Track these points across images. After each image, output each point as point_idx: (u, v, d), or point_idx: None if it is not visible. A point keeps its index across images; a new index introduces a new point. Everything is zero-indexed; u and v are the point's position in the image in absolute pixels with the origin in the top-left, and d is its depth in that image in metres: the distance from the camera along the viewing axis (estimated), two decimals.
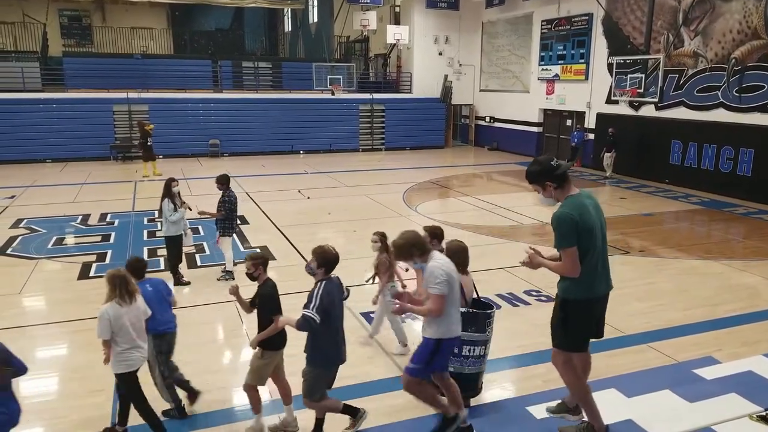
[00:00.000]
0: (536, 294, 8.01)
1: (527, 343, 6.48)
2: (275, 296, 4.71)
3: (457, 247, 4.78)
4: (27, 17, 28.64)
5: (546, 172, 3.67)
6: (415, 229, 4.55)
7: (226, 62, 24.93)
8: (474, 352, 4.74)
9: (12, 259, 9.49)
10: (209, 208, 8.66)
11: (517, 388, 5.61)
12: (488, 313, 4.87)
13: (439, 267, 3.96)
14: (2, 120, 19.57)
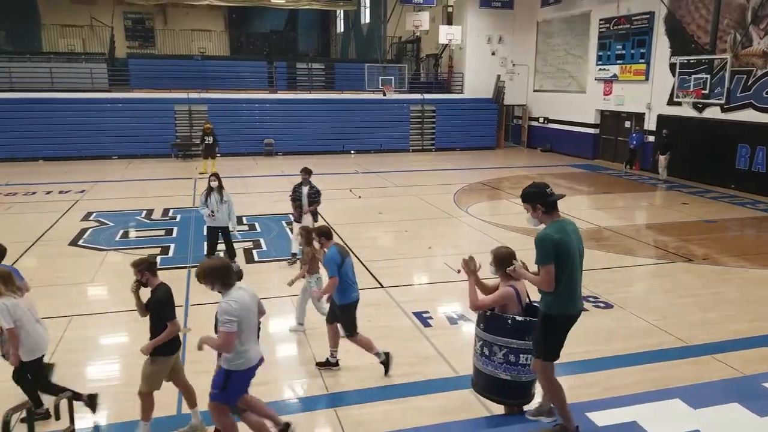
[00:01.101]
0: (593, 300, 7.87)
1: (584, 350, 6.37)
2: (167, 301, 4.63)
3: (506, 254, 4.65)
4: (95, 20, 30.03)
5: (540, 195, 4.02)
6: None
7: (281, 63, 25.43)
8: (529, 360, 4.65)
9: (83, 250, 10.00)
10: (267, 206, 8.90)
11: (574, 394, 5.53)
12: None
13: (231, 304, 3.96)
14: (73, 118, 20.59)
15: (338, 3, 27.97)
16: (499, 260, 4.62)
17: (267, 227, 11.72)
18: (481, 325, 4.65)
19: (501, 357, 4.54)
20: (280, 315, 7.45)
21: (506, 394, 4.78)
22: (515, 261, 4.40)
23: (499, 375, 4.62)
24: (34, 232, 10.91)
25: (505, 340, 4.51)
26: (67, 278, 8.61)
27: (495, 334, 4.55)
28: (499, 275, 4.65)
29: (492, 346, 4.56)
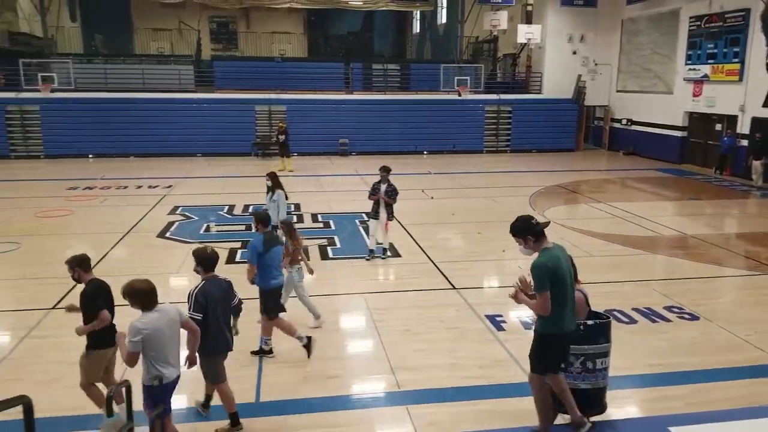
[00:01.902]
0: (678, 311, 7.49)
1: (668, 362, 6.10)
2: (95, 294, 4.73)
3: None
4: (183, 24, 31.61)
5: (527, 228, 4.26)
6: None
7: (357, 64, 25.79)
8: (604, 364, 4.57)
9: (170, 242, 10.57)
10: (342, 204, 9.07)
11: (656, 407, 5.30)
12: (609, 321, 4.68)
13: (136, 325, 4.01)
14: (161, 117, 21.78)
15: (415, 4, 28.07)
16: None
17: (341, 225, 11.93)
18: None
19: (579, 366, 4.42)
20: (352, 311, 7.57)
21: (586, 405, 4.59)
22: (517, 281, 4.47)
23: (579, 385, 4.49)
24: (127, 223, 11.63)
25: (581, 348, 4.39)
26: (155, 268, 9.11)
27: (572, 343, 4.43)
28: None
29: (568, 357, 4.45)
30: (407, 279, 8.81)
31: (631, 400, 5.41)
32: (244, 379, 5.67)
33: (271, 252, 6.07)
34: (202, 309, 4.63)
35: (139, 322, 4.02)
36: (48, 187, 15.65)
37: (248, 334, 6.01)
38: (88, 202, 13.82)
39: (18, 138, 21.20)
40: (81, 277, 4.88)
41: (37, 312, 7.28)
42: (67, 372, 5.68)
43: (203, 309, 4.63)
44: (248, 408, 5.16)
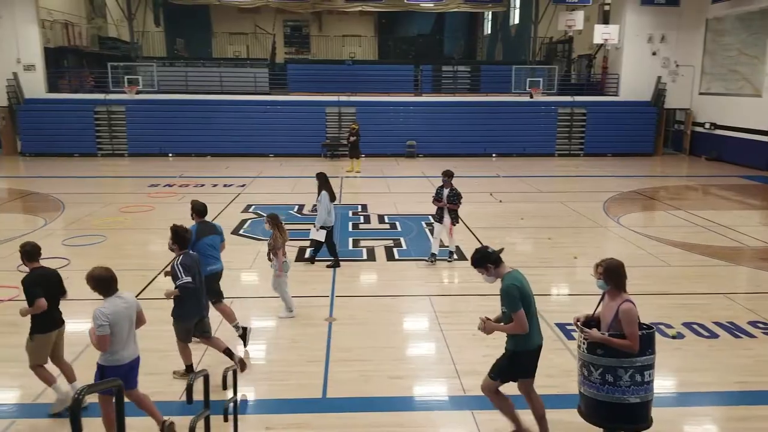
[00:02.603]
0: (764, 326, 7.04)
1: (751, 380, 5.75)
2: (34, 282, 4.98)
3: (618, 265, 4.33)
4: (258, 28, 32.65)
5: (484, 257, 4.52)
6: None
7: (427, 66, 25.79)
8: (651, 376, 4.31)
9: (243, 239, 10.94)
10: (408, 206, 9.09)
11: (738, 427, 5.01)
12: (653, 331, 4.37)
13: (102, 311, 4.33)
14: (236, 118, 22.59)
15: (487, 5, 27.73)
16: (609, 273, 4.30)
17: (407, 227, 11.96)
18: (599, 351, 4.19)
19: (628, 379, 4.17)
20: (417, 313, 7.58)
21: (634, 419, 4.33)
22: (481, 318, 4.63)
23: (628, 399, 4.23)
24: None
25: (630, 360, 4.15)
26: (229, 263, 9.36)
27: (619, 356, 4.15)
28: (609, 290, 4.34)
29: (617, 370, 4.18)
30: (474, 283, 8.67)
31: (709, 419, 5.15)
32: (311, 375, 5.79)
33: (203, 240, 6.40)
34: (190, 273, 5.31)
35: (103, 308, 4.35)
36: (131, 184, 16.56)
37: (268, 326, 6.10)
38: (168, 199, 14.51)
39: (105, 137, 22.55)
40: (26, 266, 5.20)
41: None
42: (149, 359, 5.98)
43: (191, 274, 5.32)
44: (315, 403, 5.27)
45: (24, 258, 5.19)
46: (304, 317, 7.30)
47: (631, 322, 4.08)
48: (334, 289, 8.28)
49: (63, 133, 22.11)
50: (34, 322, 5.06)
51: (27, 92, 22.59)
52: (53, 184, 16.42)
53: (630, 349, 4.07)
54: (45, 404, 5.25)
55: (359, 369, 6.00)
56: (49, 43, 23.55)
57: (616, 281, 4.28)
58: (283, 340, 6.71)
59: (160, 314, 7.28)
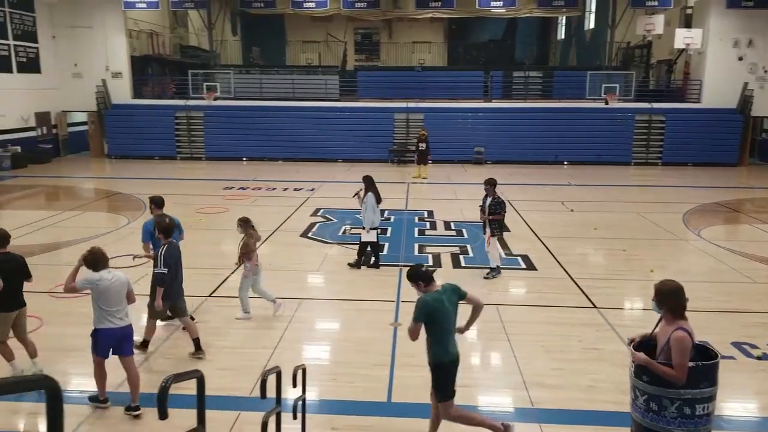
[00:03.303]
0: None
1: None
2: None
3: (673, 288, 3.98)
4: (330, 36, 33.32)
5: (417, 274, 4.74)
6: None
7: (497, 72, 25.48)
8: (707, 410, 3.93)
9: (312, 242, 11.16)
10: (475, 213, 8.99)
11: None
12: (717, 363, 3.96)
13: (86, 277, 5.14)
14: (307, 124, 23.12)
15: (561, 9, 27.08)
16: (662, 296, 3.98)
17: (474, 234, 11.81)
18: (644, 377, 3.92)
19: (674, 411, 3.86)
20: (484, 322, 7.43)
21: None
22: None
23: (672, 431, 3.93)
24: (274, 222, 12.47)
25: (677, 392, 3.83)
26: (298, 265, 9.68)
27: (664, 386, 3.84)
28: (663, 313, 3.99)
29: (662, 400, 3.87)
30: (543, 293, 8.50)
31: None
32: (376, 378, 5.82)
33: None
34: (167, 265, 6.03)
35: (89, 274, 5.14)
36: (207, 186, 17.24)
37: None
38: (241, 201, 15.01)
39: (184, 141, 23.63)
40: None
41: (195, 298, 8.03)
42: (222, 355, 6.22)
43: (168, 265, 6.04)
44: (380, 407, 5.29)
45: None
46: (370, 321, 7.35)
47: (681, 352, 3.76)
48: (400, 294, 8.29)
49: (146, 136, 23.34)
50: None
51: (114, 98, 24.03)
52: (136, 185, 17.36)
53: (675, 379, 3.77)
54: (123, 393, 5.52)
55: (424, 375, 5.90)
56: (135, 51, 24.97)
57: (669, 305, 3.95)
58: (349, 343, 6.78)
59: (232, 312, 7.56)
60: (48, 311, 7.50)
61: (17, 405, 5.32)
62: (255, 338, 6.80)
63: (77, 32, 23.62)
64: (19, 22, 21.83)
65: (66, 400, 1.71)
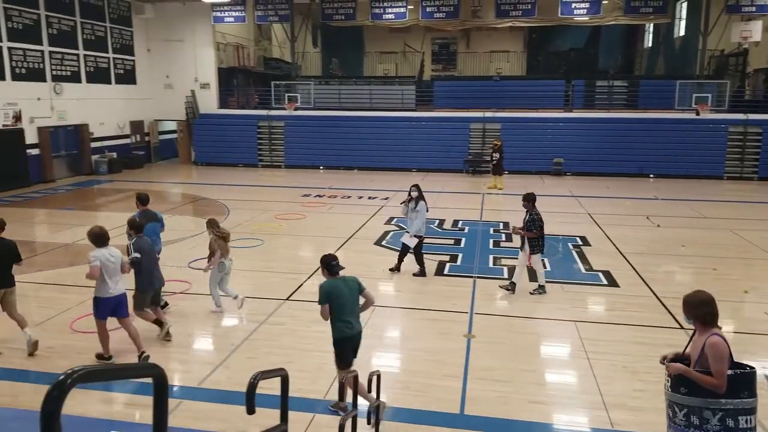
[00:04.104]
0: None
1: None
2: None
3: (704, 300, 3.83)
4: (407, 47, 33.58)
5: (326, 265, 5.41)
6: None
7: (579, 81, 24.77)
8: (750, 423, 3.66)
9: (385, 250, 11.22)
10: (552, 226, 8.74)
11: None
12: (755, 372, 3.73)
13: (91, 253, 6.15)
14: (383, 134, 23.39)
15: (649, 16, 25.96)
16: (689, 306, 3.84)
17: (552, 247, 11.46)
18: (682, 389, 3.71)
19: (717, 423, 3.61)
20: (561, 338, 7.23)
21: None
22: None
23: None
24: (349, 229, 12.66)
25: (718, 402, 3.59)
26: (370, 272, 9.74)
27: (705, 396, 3.63)
28: (694, 325, 3.84)
29: (702, 412, 3.63)
30: (625, 311, 8.14)
31: None
32: (449, 390, 5.76)
33: (146, 226, 7.44)
34: (139, 251, 6.65)
35: (93, 253, 6.14)
36: (286, 194, 17.76)
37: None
38: (318, 209, 15.36)
39: (265, 150, 24.49)
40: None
41: (274, 301, 8.29)
42: (298, 357, 6.36)
43: (140, 251, 6.66)
44: (453, 418, 5.23)
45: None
46: (443, 331, 7.30)
47: (719, 358, 3.56)
48: (474, 306, 8.19)
49: (230, 145, 24.39)
50: None
51: (202, 108, 25.30)
52: (220, 190, 18.16)
53: (715, 387, 3.56)
54: (210, 389, 5.76)
55: (498, 389, 5.86)
56: (222, 63, 26.20)
57: (698, 316, 3.79)
58: (421, 352, 6.75)
59: (308, 315, 7.72)
60: None
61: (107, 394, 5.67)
62: (330, 342, 6.90)
63: (170, 45, 25.10)
64: (118, 36, 23.46)
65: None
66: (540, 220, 8.60)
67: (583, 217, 14.47)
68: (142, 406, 5.49)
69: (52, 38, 19.93)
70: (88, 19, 21.69)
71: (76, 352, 6.66)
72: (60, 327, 7.36)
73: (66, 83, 20.59)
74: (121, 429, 4.54)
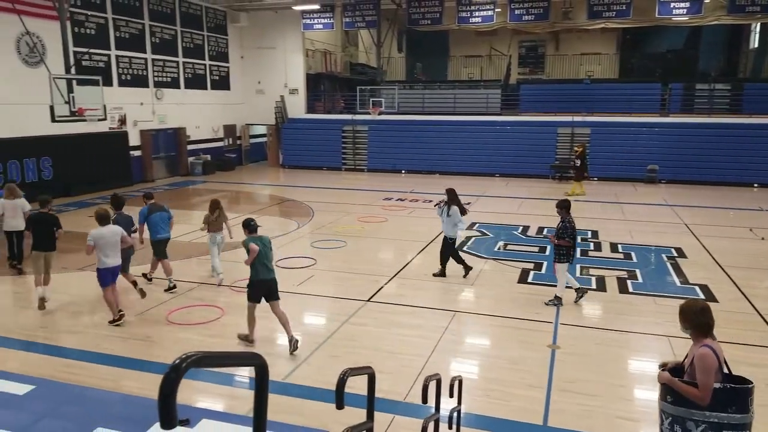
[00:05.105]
0: None
1: None
2: (29, 220, 8.88)
3: (700, 308, 3.73)
4: (493, 50, 33.15)
5: (247, 225, 6.97)
6: None
7: (677, 84, 23.46)
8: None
9: (467, 256, 11.08)
10: (646, 236, 8.30)
11: None
12: (750, 388, 3.58)
13: (91, 232, 7.31)
14: (466, 138, 23.20)
15: (755, 15, 24.21)
16: (683, 314, 3.76)
17: (644, 258, 10.96)
18: (668, 398, 3.66)
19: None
20: (653, 353, 6.86)
21: None
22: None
23: None
24: (430, 234, 12.63)
25: (702, 413, 3.52)
26: (453, 278, 9.69)
27: (689, 407, 3.56)
28: (690, 334, 3.76)
29: (686, 422, 3.58)
30: (724, 329, 7.55)
31: None
32: (532, 400, 5.62)
33: (154, 215, 8.90)
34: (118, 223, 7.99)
35: (92, 232, 7.29)
36: (368, 197, 18.01)
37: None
38: (399, 212, 15.46)
39: (349, 153, 24.96)
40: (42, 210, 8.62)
41: (355, 302, 8.42)
42: (379, 358, 6.43)
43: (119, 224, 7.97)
44: (536, 430, 5.10)
45: (40, 206, 8.53)
46: (525, 340, 7.14)
47: (704, 370, 3.51)
48: (559, 316, 7.95)
49: (315, 148, 25.07)
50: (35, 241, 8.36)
51: (290, 112, 26.17)
52: (305, 192, 18.69)
53: (698, 399, 3.50)
54: (293, 384, 5.94)
55: (583, 402, 5.65)
56: (310, 69, 27.00)
57: (692, 324, 3.72)
58: (502, 360, 6.63)
59: (389, 317, 7.80)
60: (229, 304, 8.33)
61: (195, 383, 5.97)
62: (411, 345, 6.94)
63: (262, 52, 26.18)
64: (214, 44, 24.74)
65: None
66: (573, 228, 8.29)
67: (678, 227, 13.68)
68: (226, 396, 5.74)
69: (154, 46, 21.33)
70: (188, 28, 23.04)
71: (172, 342, 7.07)
72: (157, 318, 7.84)
73: (166, 89, 21.96)
74: (210, 417, 4.76)
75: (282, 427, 4.52)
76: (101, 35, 18.97)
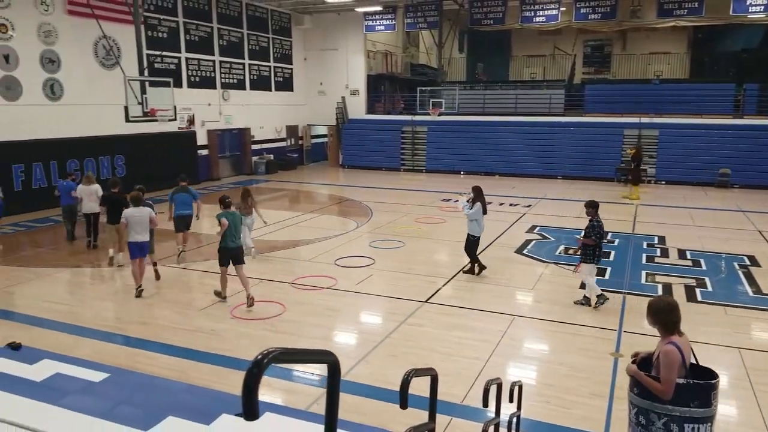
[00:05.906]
0: None
1: None
2: (103, 199, 10.62)
3: (667, 306, 3.87)
4: (557, 50, 32.43)
5: (222, 202, 8.49)
6: None
7: (753, 85, 22.28)
8: (698, 431, 3.66)
9: (527, 259, 10.99)
10: (716, 243, 7.96)
11: None
12: (712, 383, 3.69)
13: (125, 212, 8.71)
14: (527, 140, 22.85)
15: None
16: (651, 312, 3.89)
17: (714, 266, 10.50)
18: (635, 390, 3.80)
19: (661, 427, 3.69)
20: (721, 365, 6.56)
21: None
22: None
23: None
24: (489, 236, 12.49)
25: (665, 407, 3.66)
26: (511, 281, 9.60)
27: (652, 399, 3.68)
28: (657, 330, 3.89)
29: (649, 414, 3.71)
30: None
31: None
32: (593, 408, 5.52)
33: (178, 196, 10.54)
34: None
35: (125, 210, 8.73)
36: (425, 198, 18.02)
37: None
38: (457, 214, 15.30)
39: (407, 154, 25.04)
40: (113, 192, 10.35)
41: (413, 302, 8.48)
42: (436, 360, 6.45)
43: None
44: None
45: (111, 187, 10.27)
46: (587, 347, 6.99)
47: (667, 365, 3.62)
48: (623, 323, 7.74)
49: (375, 149, 25.30)
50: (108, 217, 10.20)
51: (351, 113, 26.51)
52: (364, 192, 18.90)
53: (660, 393, 3.63)
54: (352, 382, 6.05)
55: None
56: (371, 70, 27.25)
57: (660, 321, 3.84)
58: (563, 367, 6.52)
59: (446, 319, 7.82)
60: (290, 300, 8.55)
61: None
62: (469, 348, 6.93)
63: (324, 54, 26.64)
64: (279, 47, 25.37)
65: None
66: (600, 228, 8.29)
67: (752, 235, 13.03)
68: (285, 391, 5.91)
69: (222, 49, 22.08)
70: (254, 31, 23.72)
71: (235, 336, 7.33)
72: (222, 312, 8.15)
73: (232, 90, 22.69)
74: (273, 411, 4.92)
75: (348, 425, 4.62)
76: (172, 38, 19.82)
